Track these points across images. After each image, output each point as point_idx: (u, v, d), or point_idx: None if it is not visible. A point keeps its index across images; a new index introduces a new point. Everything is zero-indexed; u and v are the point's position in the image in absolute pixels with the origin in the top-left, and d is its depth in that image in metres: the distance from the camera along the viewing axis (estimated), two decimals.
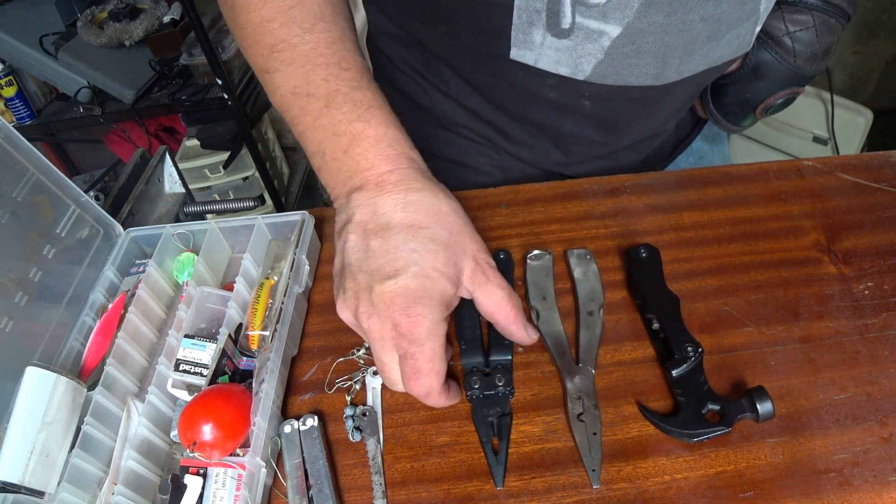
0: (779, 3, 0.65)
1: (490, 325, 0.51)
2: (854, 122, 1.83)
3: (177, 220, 0.83)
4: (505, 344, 0.52)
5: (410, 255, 0.44)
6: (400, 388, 0.47)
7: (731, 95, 0.72)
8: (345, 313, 0.47)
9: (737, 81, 0.70)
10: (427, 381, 0.44)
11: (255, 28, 0.52)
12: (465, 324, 0.55)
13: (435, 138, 0.72)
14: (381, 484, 0.48)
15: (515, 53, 0.58)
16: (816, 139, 1.87)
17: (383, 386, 0.54)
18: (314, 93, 0.49)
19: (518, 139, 0.69)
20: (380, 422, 0.52)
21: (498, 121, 0.67)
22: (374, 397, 0.54)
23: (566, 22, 0.54)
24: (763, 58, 0.67)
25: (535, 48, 0.57)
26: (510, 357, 0.52)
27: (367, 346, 0.57)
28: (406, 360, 0.44)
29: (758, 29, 0.62)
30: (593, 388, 0.51)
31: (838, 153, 1.86)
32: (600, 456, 0.47)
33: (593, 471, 0.46)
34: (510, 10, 0.54)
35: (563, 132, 0.66)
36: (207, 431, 0.47)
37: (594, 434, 0.48)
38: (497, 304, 0.47)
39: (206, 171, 2.06)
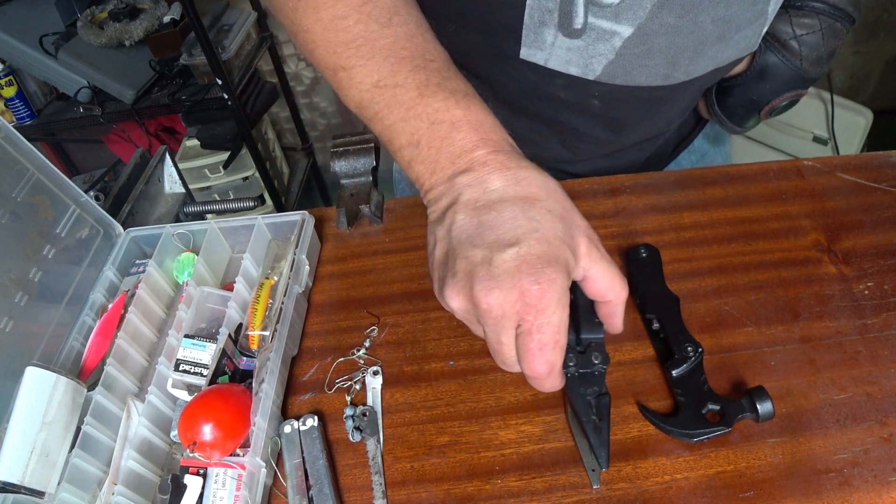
0: (785, 7, 0.66)
1: (577, 303, 0.48)
2: (854, 122, 1.83)
3: (177, 220, 0.83)
4: (595, 322, 0.49)
5: (530, 223, 0.41)
6: (515, 369, 0.43)
7: (736, 97, 0.72)
8: (456, 300, 0.42)
9: (742, 83, 0.70)
10: (553, 357, 0.41)
11: (325, 27, 0.50)
12: None
13: None
14: (381, 484, 0.48)
15: (525, 53, 0.58)
16: (816, 139, 1.87)
17: (383, 386, 0.54)
18: (403, 83, 0.47)
19: (523, 136, 0.68)
20: (380, 422, 0.52)
21: (503, 117, 0.67)
22: (374, 397, 0.54)
23: (578, 22, 0.53)
24: (769, 60, 0.68)
25: (545, 48, 0.57)
26: (602, 335, 0.49)
27: (367, 346, 0.57)
28: (531, 335, 0.40)
29: (764, 30, 0.62)
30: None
31: (838, 153, 1.86)
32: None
33: (593, 471, 0.46)
34: (522, 9, 0.54)
35: (569, 130, 0.67)
36: (207, 431, 0.47)
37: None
38: (611, 283, 0.44)
39: (206, 171, 2.06)
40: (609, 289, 0.44)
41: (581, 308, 0.50)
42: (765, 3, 0.57)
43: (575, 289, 0.47)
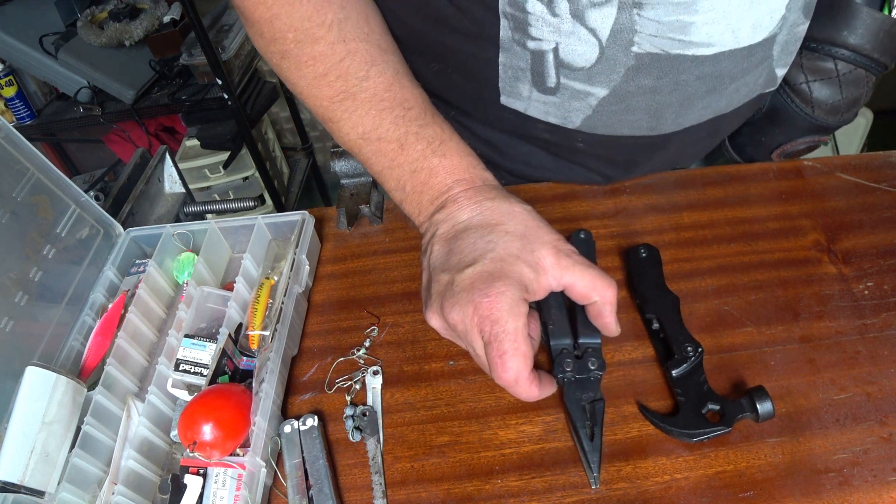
0: (801, 47, 0.60)
1: (575, 308, 0.50)
2: (854, 122, 1.82)
3: (177, 220, 0.83)
4: (592, 326, 0.50)
5: (487, 245, 0.46)
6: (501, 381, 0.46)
7: (744, 135, 0.68)
8: (434, 319, 0.47)
9: (751, 122, 0.66)
10: (513, 363, 0.43)
11: (308, 83, 0.54)
12: (551, 303, 0.52)
13: None
14: (381, 484, 0.48)
15: (505, 100, 0.58)
16: None
17: (383, 386, 0.54)
18: (385, 136, 0.52)
19: (516, 157, 0.68)
20: (380, 422, 0.52)
21: (496, 140, 0.66)
22: (374, 397, 0.54)
23: (551, 82, 0.54)
24: (777, 103, 0.62)
25: (523, 99, 0.57)
26: (599, 340, 0.51)
27: (367, 346, 0.57)
28: (490, 344, 0.44)
29: (779, 70, 0.58)
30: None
31: (838, 153, 1.85)
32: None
33: (595, 475, 0.46)
34: (496, 65, 0.55)
35: (563, 157, 0.66)
36: (207, 431, 0.47)
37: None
38: (591, 284, 0.46)
39: (206, 171, 2.06)
40: (591, 290, 0.47)
41: (578, 313, 0.51)
42: (765, 50, 0.54)
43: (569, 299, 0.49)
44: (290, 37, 0.52)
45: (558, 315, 0.52)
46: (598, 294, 0.47)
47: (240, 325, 0.57)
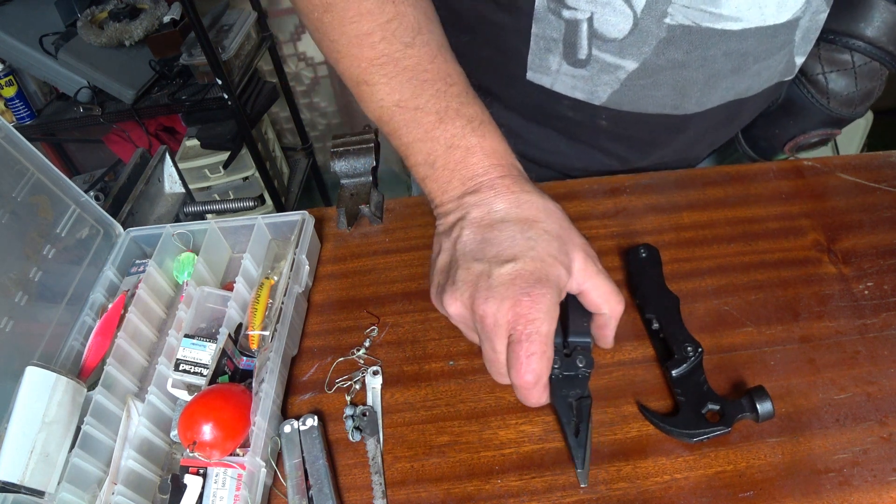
0: (819, 39, 0.61)
1: (569, 307, 0.50)
2: (854, 122, 1.82)
3: (177, 220, 0.83)
4: (584, 326, 0.51)
5: (527, 242, 0.46)
6: (505, 378, 0.46)
7: (758, 127, 0.68)
8: (454, 305, 0.46)
9: (766, 114, 0.66)
10: (540, 366, 0.44)
11: (350, 41, 0.51)
12: None
13: None
14: (380, 484, 0.48)
15: (532, 76, 0.58)
16: None
17: (383, 386, 0.54)
18: (423, 107, 0.50)
19: (534, 141, 0.68)
20: (380, 422, 0.52)
21: (513, 124, 0.66)
22: (374, 397, 0.54)
23: (583, 53, 0.54)
24: (793, 94, 0.63)
25: (550, 73, 0.57)
26: (589, 339, 0.51)
27: (367, 346, 0.57)
28: (520, 343, 0.43)
29: (798, 59, 0.59)
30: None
31: (838, 153, 1.85)
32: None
33: (580, 470, 0.46)
34: (528, 36, 0.55)
35: (581, 139, 0.66)
36: (207, 431, 0.47)
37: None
38: (606, 297, 0.47)
39: (206, 171, 2.06)
40: (604, 302, 0.47)
41: (570, 312, 0.51)
42: (789, 33, 0.55)
43: (567, 294, 0.49)
44: None
45: None
46: (609, 308, 0.48)
47: (240, 325, 0.57)
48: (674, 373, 0.50)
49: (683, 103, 0.58)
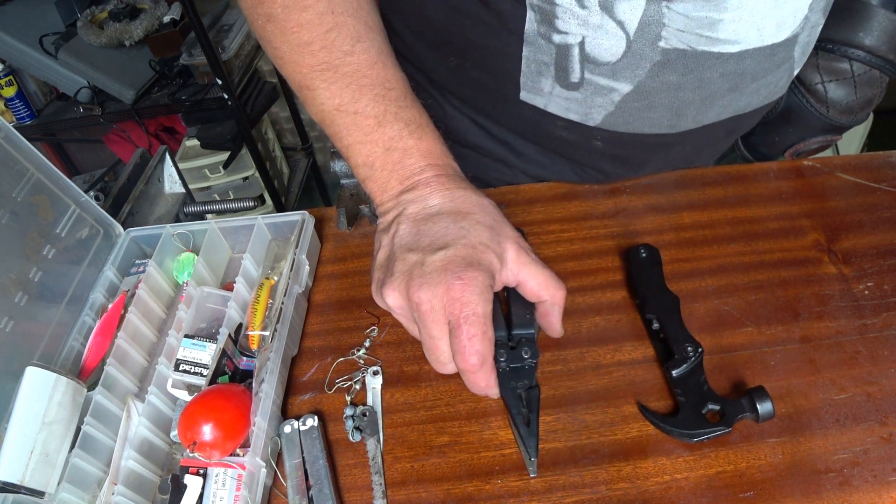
0: (816, 48, 0.60)
1: (510, 300, 0.51)
2: None
3: (177, 220, 0.83)
4: (527, 318, 0.51)
5: (460, 231, 0.47)
6: (449, 367, 0.47)
7: (758, 134, 0.68)
8: (392, 296, 0.47)
9: (765, 122, 0.66)
10: (482, 346, 0.44)
11: (292, 49, 0.53)
12: None
13: None
14: (381, 484, 0.48)
15: (525, 96, 0.58)
16: None
17: (383, 386, 0.54)
18: (362, 111, 0.51)
19: (532, 158, 0.68)
20: (380, 422, 0.52)
21: (511, 140, 0.66)
22: (374, 397, 0.54)
23: (575, 77, 0.54)
24: (791, 103, 0.62)
25: (544, 95, 0.57)
26: (533, 330, 0.51)
27: (367, 346, 0.57)
28: (460, 327, 0.44)
29: (796, 71, 0.59)
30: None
31: (838, 153, 1.85)
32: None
33: (531, 460, 0.46)
34: (519, 59, 0.55)
35: (577, 160, 0.66)
36: (207, 431, 0.47)
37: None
38: (543, 283, 0.48)
39: (206, 171, 2.06)
40: (542, 289, 0.48)
41: (512, 305, 0.52)
42: (788, 50, 0.54)
43: (507, 288, 0.50)
44: (279, 1, 0.52)
45: (493, 308, 0.52)
46: (549, 294, 0.48)
47: (240, 326, 0.57)
48: (674, 373, 0.50)
49: (679, 122, 0.58)
